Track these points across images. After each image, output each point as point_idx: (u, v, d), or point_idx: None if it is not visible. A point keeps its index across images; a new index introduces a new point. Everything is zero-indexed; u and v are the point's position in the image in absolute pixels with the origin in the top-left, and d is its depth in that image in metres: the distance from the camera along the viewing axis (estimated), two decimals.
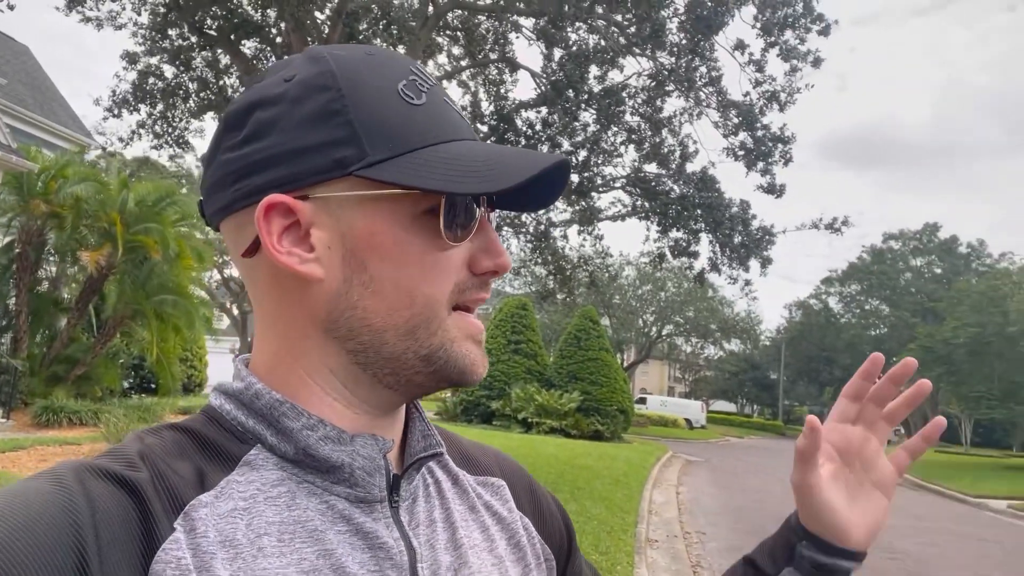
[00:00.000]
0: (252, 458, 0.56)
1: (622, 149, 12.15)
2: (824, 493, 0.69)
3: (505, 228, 13.48)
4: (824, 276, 63.38)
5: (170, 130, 12.60)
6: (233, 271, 33.41)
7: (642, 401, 41.19)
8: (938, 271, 52.27)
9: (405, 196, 0.55)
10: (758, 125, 10.64)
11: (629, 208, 13.65)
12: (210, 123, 13.62)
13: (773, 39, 10.47)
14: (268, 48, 11.39)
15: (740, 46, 10.75)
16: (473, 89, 13.78)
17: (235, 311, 32.57)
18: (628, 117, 11.60)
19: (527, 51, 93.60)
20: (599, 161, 11.65)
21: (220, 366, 30.91)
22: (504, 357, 25.57)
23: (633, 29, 10.34)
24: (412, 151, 0.55)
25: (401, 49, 12.73)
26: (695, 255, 12.73)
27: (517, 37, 11.72)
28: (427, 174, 0.54)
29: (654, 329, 47.85)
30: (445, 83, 13.91)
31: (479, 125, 13.24)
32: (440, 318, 0.57)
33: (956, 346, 29.53)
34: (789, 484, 0.71)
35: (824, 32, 10.34)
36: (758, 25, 10.41)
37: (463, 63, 13.87)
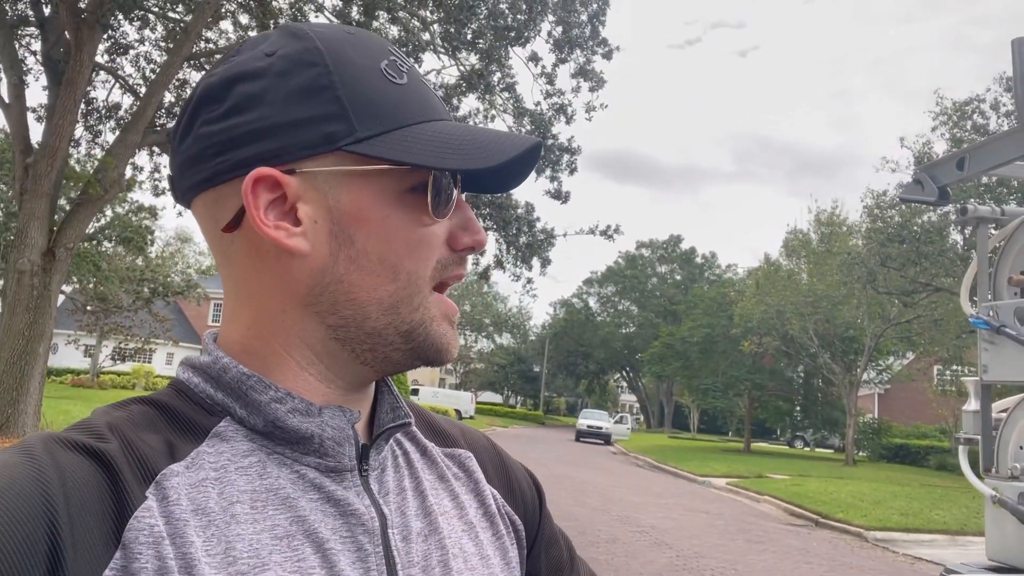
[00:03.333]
0: (222, 430, 0.56)
1: None
2: None
3: None
4: (586, 277, 68.71)
5: None
6: None
7: (415, 392, 41.81)
8: (679, 278, 59.13)
9: (391, 172, 0.56)
10: (549, 135, 11.40)
11: None
12: None
13: (563, 56, 11.28)
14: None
15: (534, 58, 11.45)
16: None
17: None
18: None
19: None
20: None
21: None
22: None
23: (438, 27, 10.53)
24: (398, 128, 0.57)
25: (181, 8, 11.70)
26: (481, 252, 13.20)
27: (317, 16, 11.33)
28: (416, 150, 0.55)
29: None
30: (219, 56, 12.98)
31: None
32: (423, 295, 0.59)
33: (691, 344, 33.78)
34: (553, 468, 0.79)
35: (607, 56, 11.37)
36: (551, 41, 11.15)
37: (251, 33, 13.08)
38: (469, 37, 10.26)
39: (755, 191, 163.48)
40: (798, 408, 36.27)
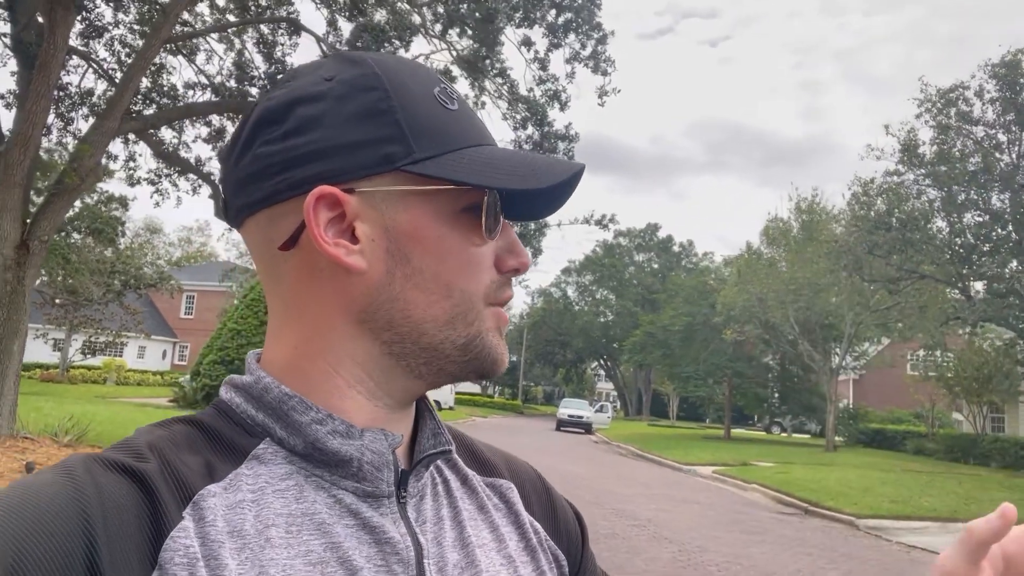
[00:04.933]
0: (261, 452, 0.56)
1: None
2: None
3: None
4: (564, 266, 68.75)
5: None
6: None
7: None
8: (656, 266, 59.36)
9: (446, 193, 0.57)
10: (546, 121, 11.15)
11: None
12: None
13: (557, 40, 11.01)
14: None
15: (527, 42, 11.17)
16: (238, 47, 12.59)
17: None
18: None
19: (313, 15, 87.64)
20: None
21: None
22: (257, 340, 24.02)
23: (428, 11, 10.18)
24: (453, 151, 0.58)
25: None
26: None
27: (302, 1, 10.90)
28: (471, 171, 0.56)
29: None
30: (200, 39, 12.52)
31: (249, 88, 12.16)
32: (477, 310, 0.59)
33: (672, 333, 33.86)
34: (536, 459, 0.70)
35: (601, 41, 11.12)
36: (544, 25, 10.87)
37: (230, 16, 12.61)
38: (468, 11, 9.88)
39: (727, 181, 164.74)
40: (776, 395, 36.63)
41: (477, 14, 9.31)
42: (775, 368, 34.02)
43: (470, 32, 10.56)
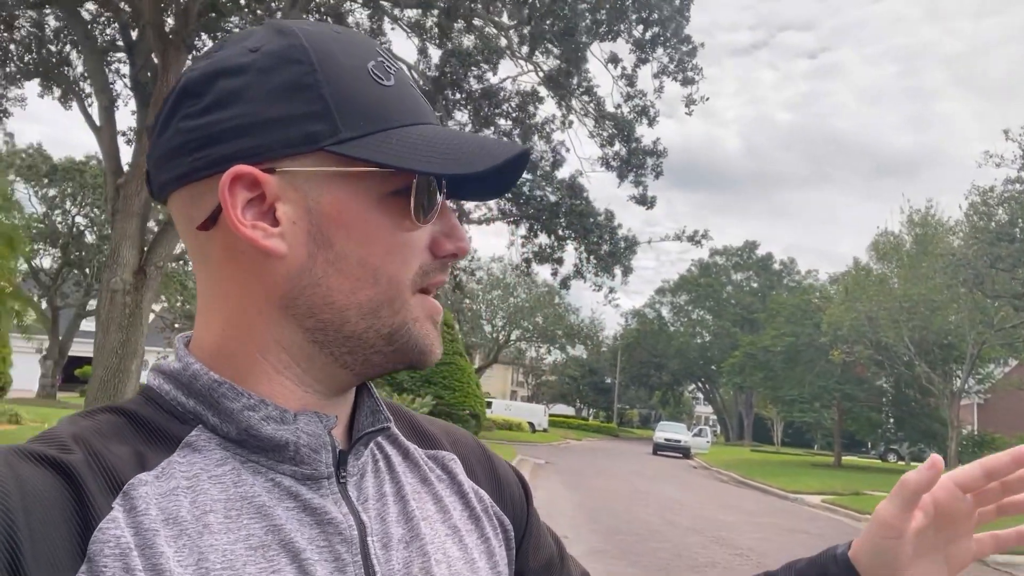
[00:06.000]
0: (194, 439, 0.54)
1: None
2: (903, 541, 0.66)
3: None
4: (657, 287, 67.51)
5: None
6: (44, 262, 29.73)
7: (488, 405, 41.61)
8: (755, 285, 57.35)
9: (374, 175, 0.55)
10: (634, 137, 11.00)
11: (495, 212, 13.60)
12: (32, 90, 11.95)
13: (645, 55, 10.86)
14: (110, 14, 10.16)
15: (614, 59, 11.07)
16: None
17: (44, 306, 28.97)
18: (502, 121, 11.54)
19: (403, 43, 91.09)
20: None
21: (26, 368, 27.33)
22: None
23: (514, 33, 10.29)
24: (383, 131, 0.55)
25: None
26: (560, 261, 12.89)
27: (392, 28, 11.29)
28: (400, 153, 0.54)
29: (502, 334, 48.58)
30: None
31: None
32: (403, 298, 0.57)
33: (774, 354, 32.48)
34: (633, 483, 0.61)
35: (691, 54, 10.89)
36: (631, 41, 10.76)
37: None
38: (550, 27, 9.87)
39: (831, 195, 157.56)
40: (891, 420, 34.40)
41: (557, 27, 9.28)
42: (889, 391, 31.91)
43: (555, 51, 10.58)
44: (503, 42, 10.56)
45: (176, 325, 29.64)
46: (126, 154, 10.26)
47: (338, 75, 0.55)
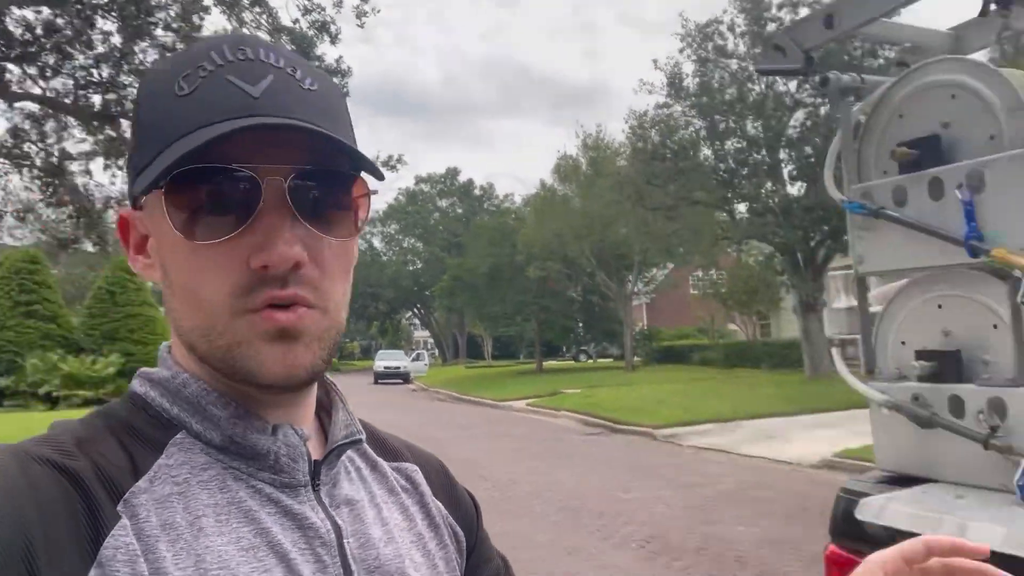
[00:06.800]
0: (179, 442, 0.57)
1: None
2: None
3: (1, 161, 10.56)
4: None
5: None
6: None
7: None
8: (460, 211, 59.56)
9: (167, 196, 0.53)
10: (313, 56, 10.24)
11: None
12: None
13: None
14: None
15: None
16: None
17: None
18: (160, 32, 9.99)
19: None
20: (130, 81, 9.82)
21: None
22: (12, 323, 20.92)
23: None
24: (167, 147, 0.53)
25: None
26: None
27: None
28: (161, 167, 0.52)
29: None
30: None
31: None
32: (224, 322, 0.54)
33: (478, 275, 34.26)
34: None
35: None
36: None
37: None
38: None
39: (522, 124, 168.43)
40: (580, 325, 38.60)
41: None
42: (578, 300, 35.70)
43: None
44: None
45: None
46: None
47: (149, 103, 0.56)
